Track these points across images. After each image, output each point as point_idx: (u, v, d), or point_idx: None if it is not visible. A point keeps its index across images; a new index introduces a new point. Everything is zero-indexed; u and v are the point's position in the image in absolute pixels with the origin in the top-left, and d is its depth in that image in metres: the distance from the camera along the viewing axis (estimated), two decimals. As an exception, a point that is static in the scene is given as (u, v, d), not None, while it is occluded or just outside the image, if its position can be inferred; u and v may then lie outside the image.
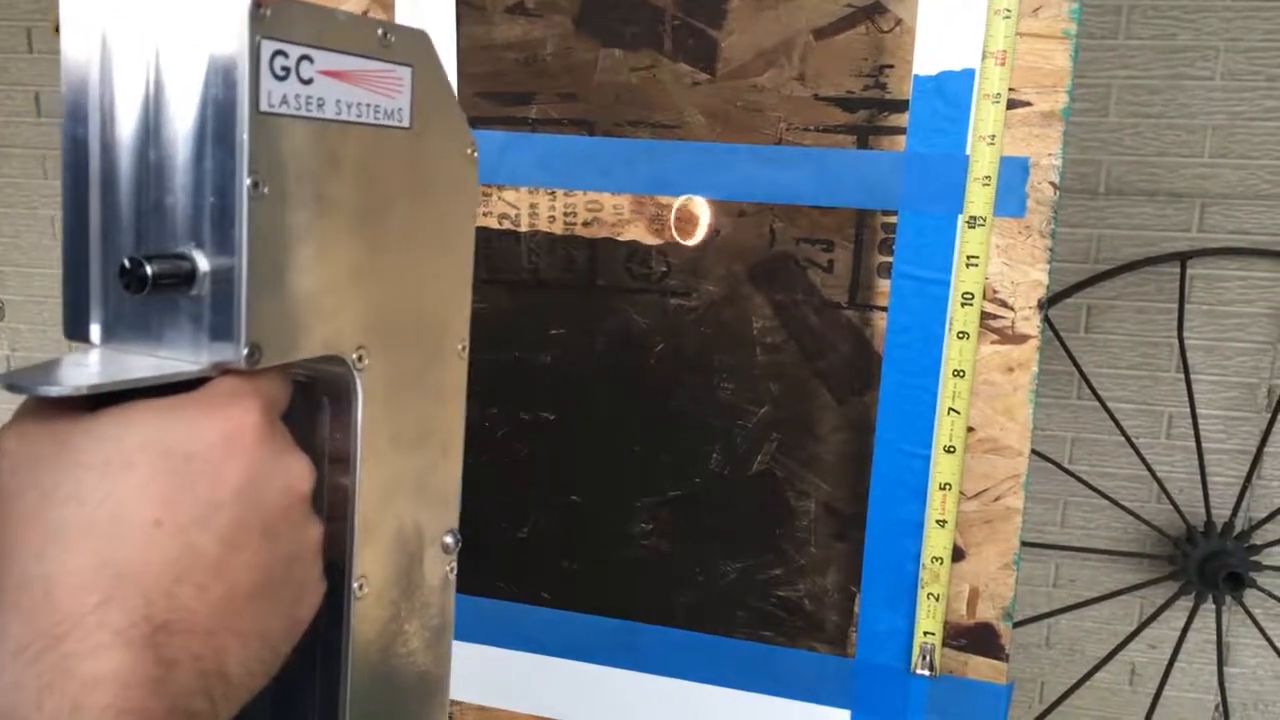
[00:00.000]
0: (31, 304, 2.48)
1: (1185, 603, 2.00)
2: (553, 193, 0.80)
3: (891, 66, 0.73)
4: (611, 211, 0.79)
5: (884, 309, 0.75)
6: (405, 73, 0.45)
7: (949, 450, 0.74)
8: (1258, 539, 1.97)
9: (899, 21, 0.72)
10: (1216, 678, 2.05)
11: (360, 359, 0.44)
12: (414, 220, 0.47)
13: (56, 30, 2.27)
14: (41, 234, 2.43)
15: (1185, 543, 1.98)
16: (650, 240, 0.79)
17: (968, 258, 0.72)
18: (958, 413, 0.73)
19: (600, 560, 0.84)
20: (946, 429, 0.74)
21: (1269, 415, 1.94)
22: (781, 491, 0.80)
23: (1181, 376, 1.95)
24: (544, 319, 0.82)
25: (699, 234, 0.77)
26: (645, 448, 0.82)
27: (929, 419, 0.75)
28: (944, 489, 0.75)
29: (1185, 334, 1.93)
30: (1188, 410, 1.94)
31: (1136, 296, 1.96)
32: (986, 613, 0.77)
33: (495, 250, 0.82)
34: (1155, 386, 2.00)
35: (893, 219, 0.74)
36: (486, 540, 0.86)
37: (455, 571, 0.53)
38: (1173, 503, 1.99)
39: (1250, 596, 1.99)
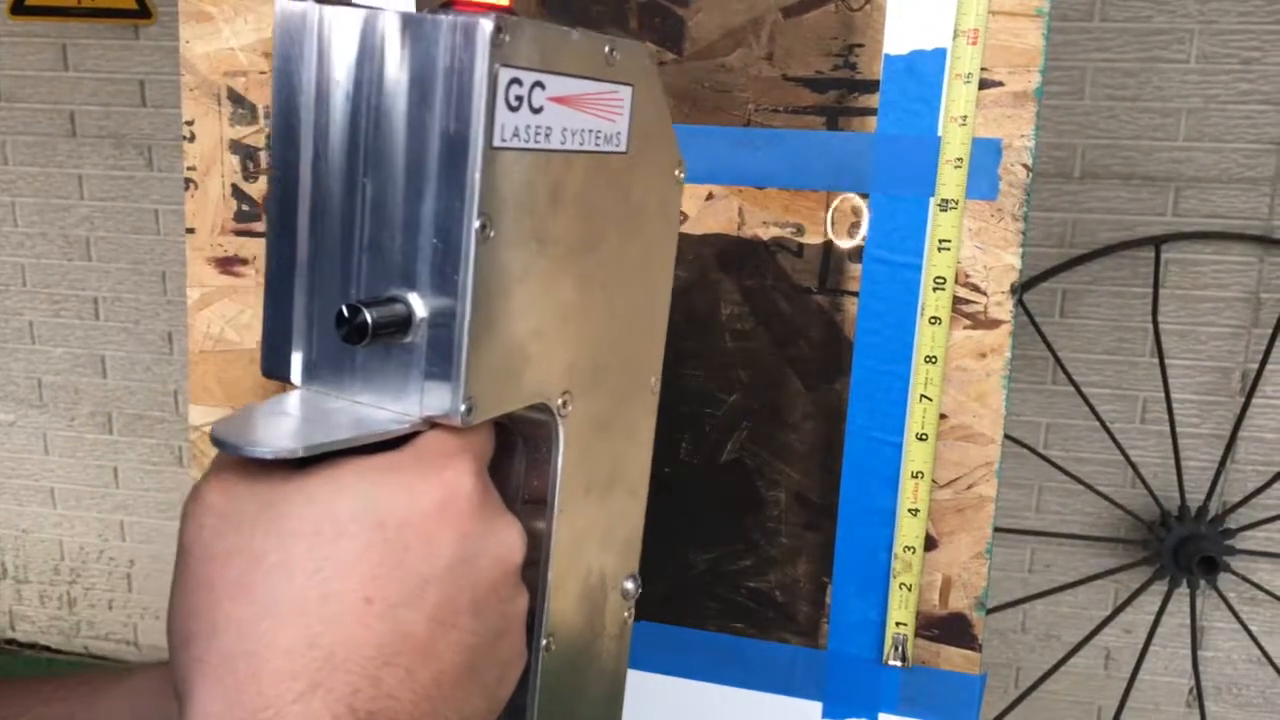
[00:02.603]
0: (-6, 293, 2.44)
1: (1160, 587, 2.01)
2: (516, 176, 0.78)
3: (862, 46, 0.71)
4: (577, 195, 0.77)
5: (855, 294, 0.74)
6: (626, 93, 0.41)
7: (921, 438, 0.73)
8: (1231, 523, 1.97)
9: (869, -1, 0.70)
10: (1191, 662, 2.06)
11: (564, 405, 0.41)
12: (622, 251, 0.43)
13: (12, 11, 2.22)
14: (1, 220, 2.38)
15: (1160, 527, 1.98)
16: (616, 224, 0.77)
17: (939, 241, 0.71)
18: (930, 399, 0.72)
19: (568, 552, 0.82)
20: (918, 416, 0.73)
21: (1243, 399, 1.95)
22: (752, 481, 0.78)
23: (1156, 361, 1.95)
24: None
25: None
26: (613, 437, 0.80)
27: (901, 406, 0.74)
28: (916, 477, 0.73)
29: (1160, 318, 1.93)
30: (1162, 395, 1.95)
31: (1111, 281, 1.96)
32: (959, 602, 0.76)
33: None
34: (1130, 371, 2.00)
35: (864, 202, 0.73)
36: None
37: (633, 617, 0.49)
38: (1147, 487, 1.99)
39: (1224, 580, 2.00)
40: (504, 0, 0.36)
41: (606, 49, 0.40)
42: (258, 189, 0.79)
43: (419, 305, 0.36)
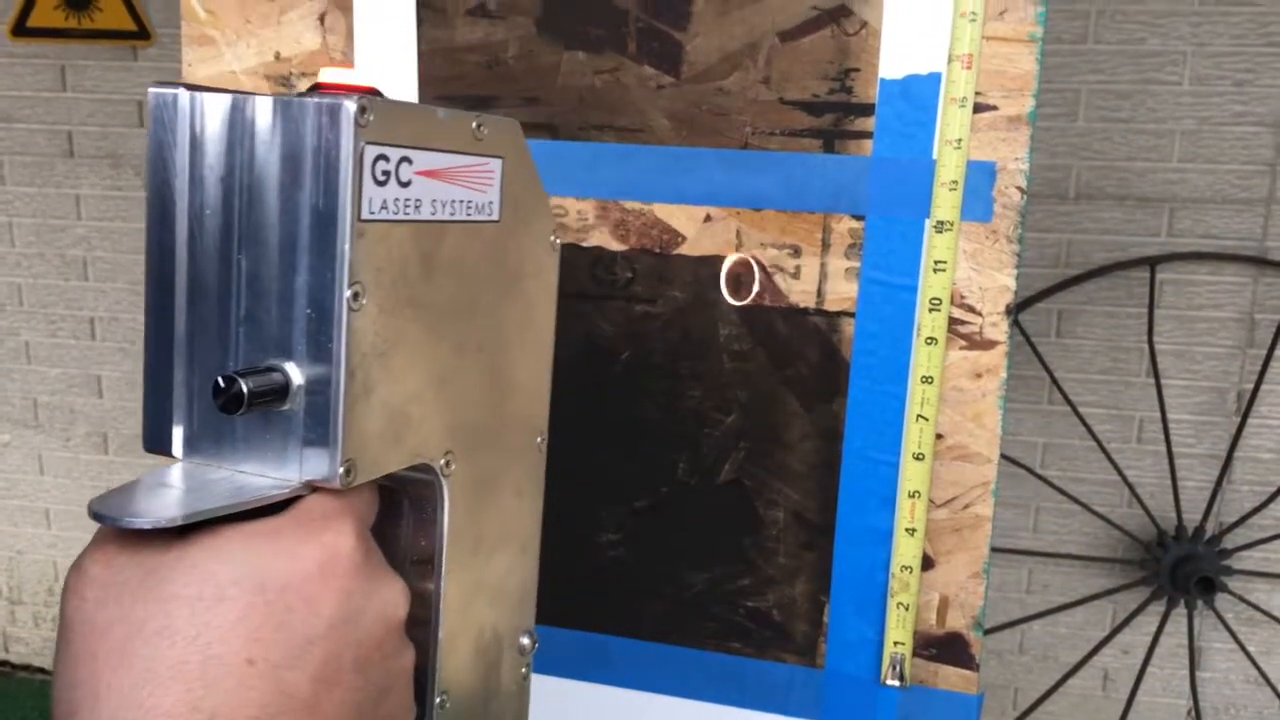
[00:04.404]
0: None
1: (1157, 608, 2.01)
2: (515, 198, 0.78)
3: (857, 70, 0.72)
4: (576, 217, 0.78)
5: (852, 315, 0.74)
6: (496, 165, 0.43)
7: (918, 458, 0.73)
8: (1228, 543, 1.97)
9: (864, 24, 0.71)
10: (1189, 682, 2.06)
11: (448, 464, 0.42)
12: (499, 315, 0.45)
13: (14, 33, 2.23)
14: None
15: (1157, 547, 1.98)
16: (615, 246, 0.78)
17: (935, 263, 0.71)
18: (926, 419, 0.73)
19: (566, 571, 0.82)
20: (915, 436, 0.73)
21: (1238, 419, 1.95)
22: (750, 500, 0.78)
23: (1152, 381, 1.95)
24: (507, 326, 0.80)
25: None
26: (611, 457, 0.80)
27: (897, 426, 0.74)
28: (913, 497, 0.74)
29: (1155, 339, 1.94)
30: (1158, 415, 1.95)
31: (1107, 301, 1.97)
32: (956, 622, 0.76)
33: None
34: (1126, 391, 2.00)
35: (860, 224, 0.73)
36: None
37: (530, 673, 0.50)
38: (1144, 507, 1.99)
39: (1222, 601, 2.00)
40: (369, 83, 0.38)
41: (474, 125, 0.42)
42: (258, 210, 0.79)
43: (296, 374, 0.37)
